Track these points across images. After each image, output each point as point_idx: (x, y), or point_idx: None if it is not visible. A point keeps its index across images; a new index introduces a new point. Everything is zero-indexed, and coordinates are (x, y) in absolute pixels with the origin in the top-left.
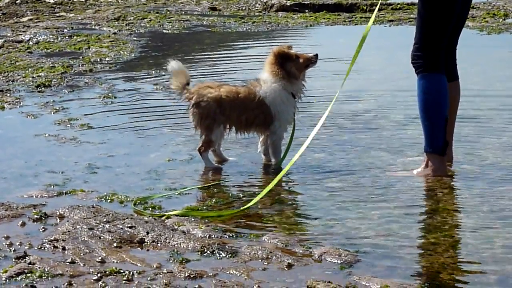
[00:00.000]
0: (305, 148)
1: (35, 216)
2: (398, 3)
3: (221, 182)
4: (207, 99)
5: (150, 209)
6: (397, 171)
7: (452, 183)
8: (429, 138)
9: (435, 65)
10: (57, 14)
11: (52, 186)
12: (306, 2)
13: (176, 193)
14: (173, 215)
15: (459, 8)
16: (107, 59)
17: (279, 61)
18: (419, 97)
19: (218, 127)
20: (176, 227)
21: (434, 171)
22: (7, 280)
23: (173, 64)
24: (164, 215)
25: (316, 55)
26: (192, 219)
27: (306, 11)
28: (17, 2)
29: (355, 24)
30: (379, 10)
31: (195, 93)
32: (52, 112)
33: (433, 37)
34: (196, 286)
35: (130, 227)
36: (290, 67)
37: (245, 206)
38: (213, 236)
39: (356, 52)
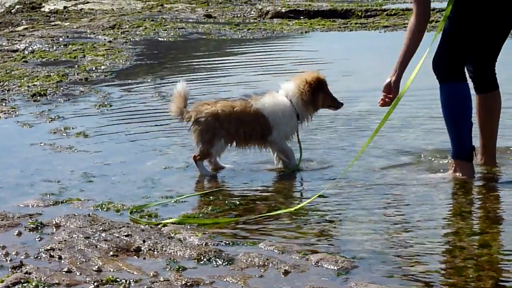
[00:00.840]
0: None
1: (31, 226)
2: (393, 9)
3: (217, 189)
4: (205, 115)
5: (147, 217)
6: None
7: (448, 188)
8: (455, 145)
9: (458, 73)
10: (53, 23)
11: (48, 195)
12: (301, 9)
13: (173, 201)
14: (170, 223)
15: (489, 24)
16: (102, 67)
17: (316, 85)
18: (443, 106)
19: (219, 140)
20: (172, 235)
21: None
22: None
23: (178, 86)
24: (161, 223)
25: (342, 104)
26: (189, 227)
27: (301, 17)
28: (12, 11)
29: (350, 30)
30: (374, 16)
31: (193, 111)
32: (48, 121)
33: (457, 50)
34: None
35: (126, 236)
36: (319, 98)
37: (290, 209)
38: (210, 243)
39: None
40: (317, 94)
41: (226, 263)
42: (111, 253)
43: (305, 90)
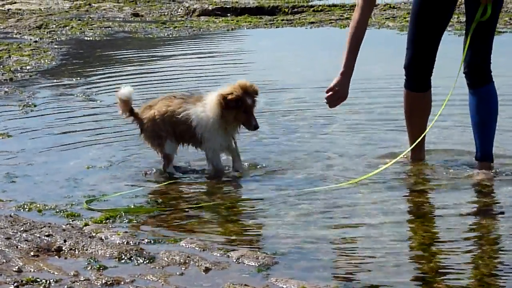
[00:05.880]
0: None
1: None
2: (320, 5)
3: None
4: (146, 121)
5: (71, 217)
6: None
7: (370, 183)
8: (489, 147)
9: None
10: None
11: None
12: (228, 6)
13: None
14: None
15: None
16: (27, 67)
17: (232, 102)
18: (486, 108)
19: (165, 141)
20: (94, 234)
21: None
22: None
23: (123, 91)
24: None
25: (256, 127)
26: (110, 226)
27: (228, 15)
28: None
29: (276, 27)
30: (301, 12)
31: (139, 119)
32: None
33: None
34: None
35: (47, 236)
36: (230, 115)
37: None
38: (131, 242)
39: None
40: (230, 111)
41: (147, 261)
42: (31, 253)
43: (218, 104)
